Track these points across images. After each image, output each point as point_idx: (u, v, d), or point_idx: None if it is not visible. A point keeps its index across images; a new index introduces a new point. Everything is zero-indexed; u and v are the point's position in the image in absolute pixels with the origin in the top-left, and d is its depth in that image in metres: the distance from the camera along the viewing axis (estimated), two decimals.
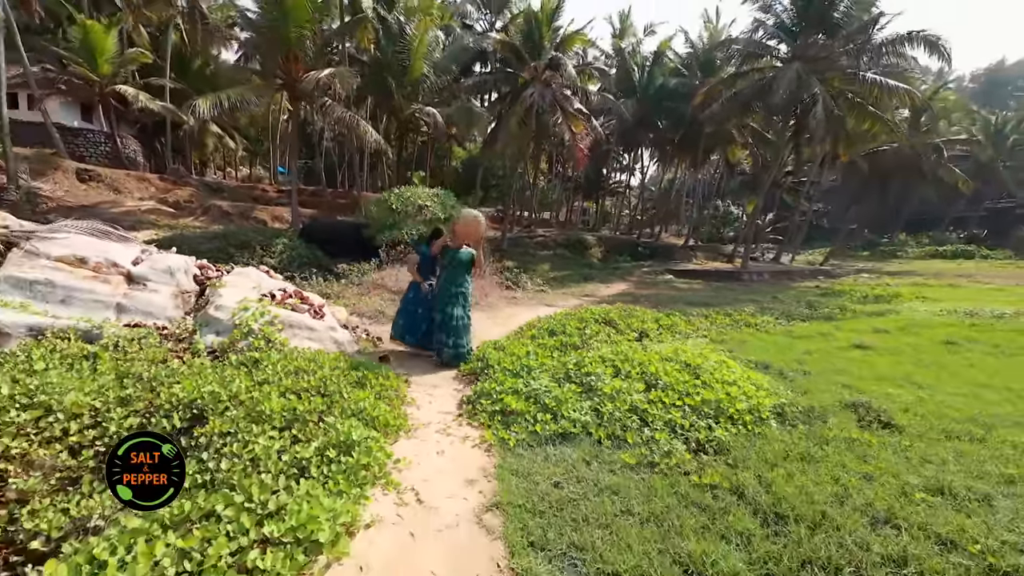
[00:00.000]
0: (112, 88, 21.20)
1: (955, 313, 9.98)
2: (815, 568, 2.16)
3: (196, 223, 19.02)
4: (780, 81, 17.92)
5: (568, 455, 3.28)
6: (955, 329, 8.18)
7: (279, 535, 2.07)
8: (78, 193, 18.44)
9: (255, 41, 19.49)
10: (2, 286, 4.66)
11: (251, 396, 3.38)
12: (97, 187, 19.45)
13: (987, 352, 6.70)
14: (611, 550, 2.23)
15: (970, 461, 3.28)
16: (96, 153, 23.67)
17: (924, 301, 12.40)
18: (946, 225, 39.87)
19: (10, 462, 2.63)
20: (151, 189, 21.60)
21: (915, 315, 9.95)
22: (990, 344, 7.08)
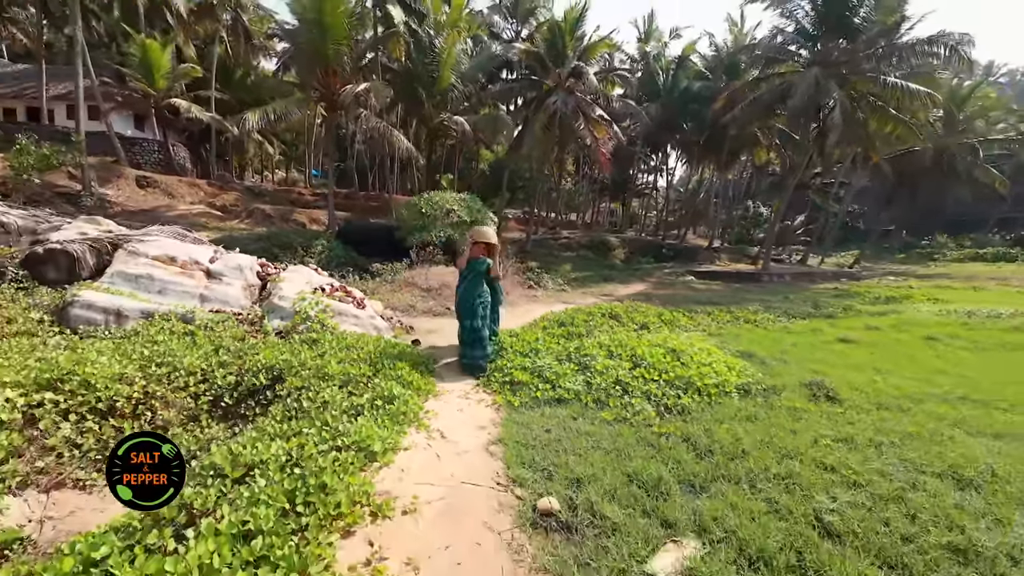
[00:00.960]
0: (167, 101, 22.98)
1: (955, 313, 10.42)
2: (722, 480, 3.01)
3: (241, 225, 20.56)
4: (799, 86, 18.32)
5: (560, 413, 4.19)
6: (944, 327, 8.71)
7: (347, 444, 3.05)
8: (138, 198, 20.21)
9: (295, 55, 21.00)
10: (114, 279, 5.84)
11: (315, 363, 4.40)
12: (154, 192, 21.24)
13: (963, 347, 7.29)
14: (578, 466, 3.13)
15: (884, 423, 4.05)
16: (150, 160, 25.64)
17: (935, 303, 12.72)
18: (990, 227, 38.42)
19: (156, 401, 3.70)
20: (200, 194, 23.36)
21: (915, 315, 10.45)
22: (970, 340, 7.65)
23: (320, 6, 15.60)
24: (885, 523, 2.59)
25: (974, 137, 29.44)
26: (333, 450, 2.97)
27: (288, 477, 2.57)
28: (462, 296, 5.56)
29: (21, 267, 5.76)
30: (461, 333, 5.57)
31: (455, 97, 21.28)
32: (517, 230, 29.91)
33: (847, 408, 4.46)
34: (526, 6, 25.73)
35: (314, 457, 2.80)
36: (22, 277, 5.69)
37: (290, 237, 15.66)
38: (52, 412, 3.19)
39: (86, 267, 6.09)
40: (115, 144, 21.35)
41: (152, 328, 4.96)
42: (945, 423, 4.12)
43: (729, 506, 2.69)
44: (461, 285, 5.66)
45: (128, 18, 24.56)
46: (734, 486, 2.95)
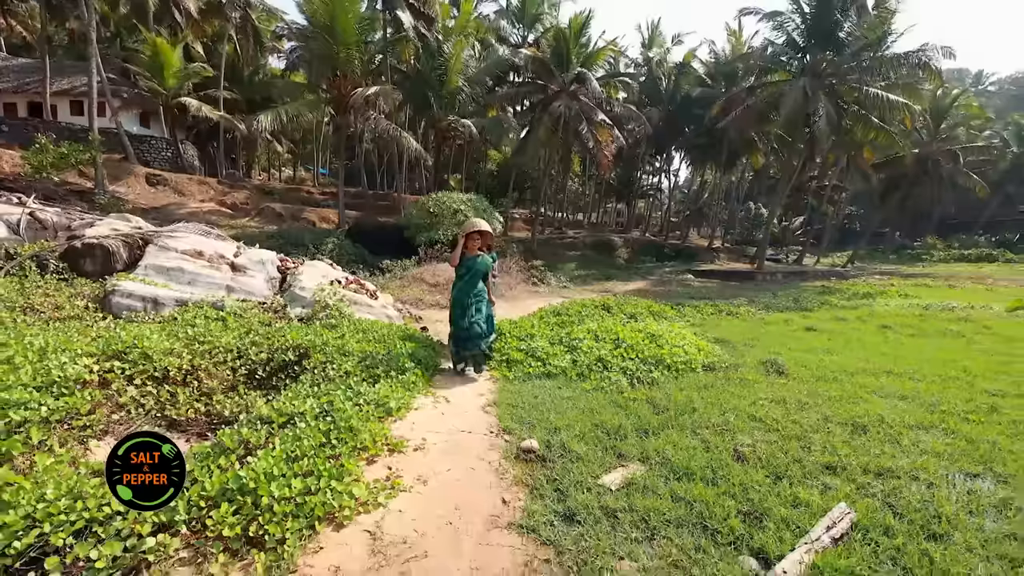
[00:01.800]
0: (177, 100, 23.66)
1: (917, 307, 11.16)
2: (670, 428, 3.66)
3: (252, 223, 21.25)
4: (788, 96, 18.94)
5: (547, 384, 4.83)
6: (901, 318, 9.48)
7: (367, 402, 3.69)
8: (148, 196, 20.93)
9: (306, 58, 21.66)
10: (148, 271, 6.51)
11: (337, 343, 5.05)
12: (164, 190, 21.98)
13: (910, 334, 8.07)
14: (557, 420, 3.77)
15: (816, 390, 4.74)
16: (159, 158, 26.20)
17: (905, 298, 13.43)
18: (978, 229, 39.44)
19: (201, 372, 4.34)
20: (210, 192, 24.09)
21: (882, 308, 11.24)
22: (917, 329, 8.46)
23: (332, 12, 16.28)
24: (784, 452, 3.30)
25: (956, 144, 30.32)
26: (356, 406, 3.61)
27: (322, 422, 3.21)
28: (457, 296, 5.32)
29: (61, 260, 6.41)
30: (455, 335, 5.34)
31: (462, 100, 21.92)
32: (524, 230, 30.57)
33: (791, 379, 5.13)
34: (532, 12, 26.35)
35: (342, 408, 3.44)
36: (62, 269, 6.35)
37: (302, 235, 16.36)
38: (120, 377, 3.84)
39: (120, 260, 6.74)
40: (125, 142, 21.99)
41: (188, 314, 5.60)
42: (865, 389, 4.82)
43: (670, 443, 3.37)
44: (456, 284, 5.36)
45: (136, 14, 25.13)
46: (678, 431, 3.61)
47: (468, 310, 5.23)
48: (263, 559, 2.15)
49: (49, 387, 3.24)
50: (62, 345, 3.82)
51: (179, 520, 2.26)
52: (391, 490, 2.78)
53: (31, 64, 26.80)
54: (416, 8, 21.47)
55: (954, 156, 29.38)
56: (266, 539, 2.24)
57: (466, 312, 5.22)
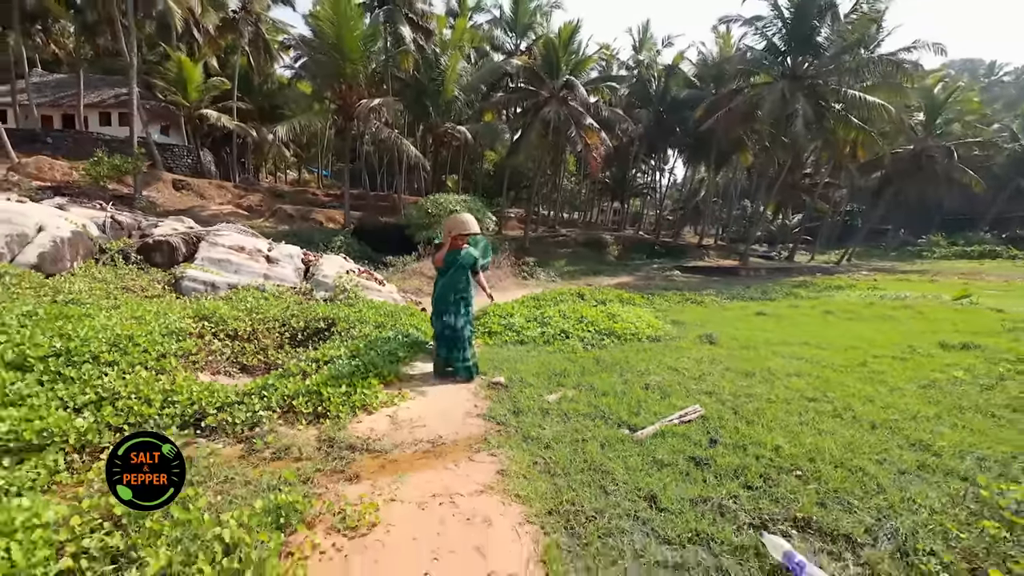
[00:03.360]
0: (198, 111, 25.29)
1: (872, 297, 12.48)
2: (603, 372, 5.11)
3: (266, 224, 22.76)
4: (765, 99, 20.30)
5: (519, 348, 6.31)
6: (848, 306, 10.84)
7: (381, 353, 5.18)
8: (175, 200, 22.50)
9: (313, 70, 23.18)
10: (204, 262, 8.01)
11: (356, 315, 6.53)
12: (188, 194, 23.55)
13: (847, 318, 9.42)
14: (520, 368, 5.23)
15: (732, 353, 6.14)
16: (181, 165, 27.98)
17: (872, 290, 14.69)
18: (984, 225, 39.41)
19: (259, 333, 5.83)
20: (228, 195, 25.66)
21: (841, 298, 12.51)
22: (856, 314, 9.80)
23: (339, 31, 17.77)
24: (680, 385, 4.72)
25: (951, 140, 30.85)
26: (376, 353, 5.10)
27: (351, 362, 4.69)
28: (440, 292, 4.97)
29: (138, 253, 7.93)
30: (439, 334, 5.03)
31: (458, 107, 23.41)
32: (518, 228, 32.00)
33: (719, 347, 6.54)
34: (524, 21, 27.82)
35: (365, 353, 4.92)
36: (139, 260, 7.87)
37: (312, 234, 17.88)
38: (208, 332, 5.34)
39: (181, 254, 8.26)
40: (153, 151, 23.63)
41: (239, 294, 7.11)
42: (775, 353, 6.20)
43: (599, 379, 4.81)
44: (440, 280, 5.05)
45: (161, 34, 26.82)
46: (608, 373, 5.07)
47: (451, 307, 4.92)
48: (327, 423, 3.64)
49: (170, 335, 4.74)
50: (167, 311, 5.33)
51: (274, 405, 3.76)
52: (402, 399, 4.27)
53: (65, 79, 29.22)
54: (415, 22, 22.95)
55: (948, 152, 29.34)
56: (328, 414, 3.74)
57: (449, 308, 4.91)
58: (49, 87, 29.96)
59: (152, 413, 3.43)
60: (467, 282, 5.03)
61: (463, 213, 5.22)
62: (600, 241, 31.52)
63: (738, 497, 2.62)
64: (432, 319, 5.10)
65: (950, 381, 4.99)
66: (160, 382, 3.81)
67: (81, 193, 15.47)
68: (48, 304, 4.99)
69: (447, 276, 4.99)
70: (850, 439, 3.43)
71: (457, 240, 4.92)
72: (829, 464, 2.99)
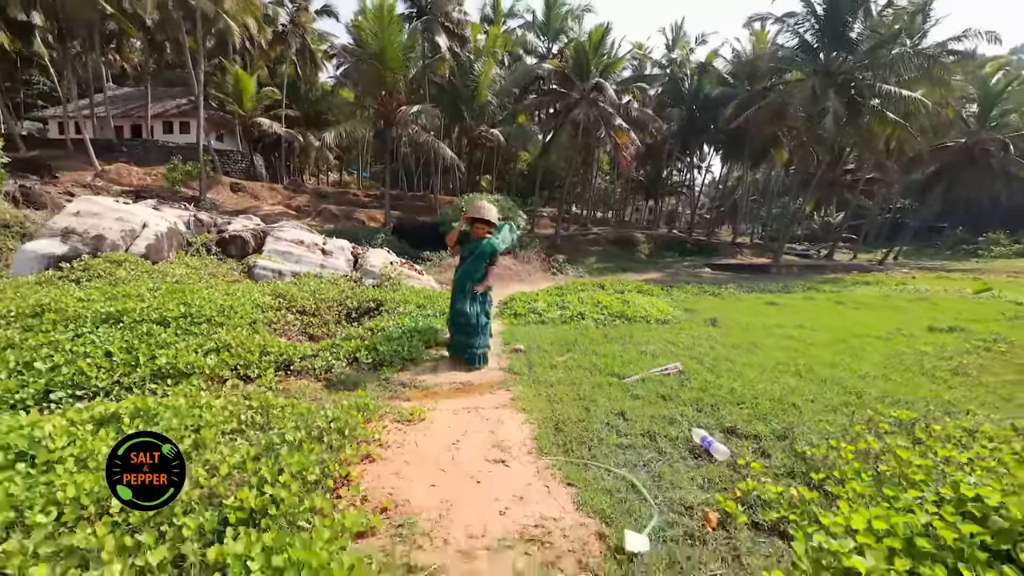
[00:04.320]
0: (253, 119, 27.34)
1: (891, 291, 12.84)
2: (607, 343, 6.03)
3: (312, 223, 24.44)
4: (796, 96, 20.51)
5: (539, 326, 7.28)
6: (862, 298, 11.33)
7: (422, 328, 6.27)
8: (232, 201, 24.48)
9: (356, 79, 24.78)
10: (271, 254, 9.33)
11: (400, 297, 7.66)
12: (243, 196, 25.54)
13: (855, 308, 9.95)
14: (538, 339, 6.20)
15: (729, 332, 6.95)
16: (236, 169, 30.18)
17: (898, 285, 14.86)
18: None
19: (322, 310, 7.02)
20: (278, 196, 27.59)
21: (863, 292, 12.94)
22: (867, 305, 10.30)
23: (382, 43, 19.13)
24: (671, 351, 5.60)
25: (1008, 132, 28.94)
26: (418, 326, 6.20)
27: (400, 329, 5.78)
28: (459, 279, 5.13)
29: (217, 246, 9.32)
30: (454, 321, 5.14)
31: (491, 111, 24.53)
32: (550, 227, 32.92)
33: (719, 329, 7.33)
34: (556, 25, 28.69)
35: (413, 322, 6.02)
36: (218, 252, 9.25)
37: (356, 232, 19.32)
38: (283, 308, 6.55)
39: (251, 246, 9.61)
40: (213, 157, 25.75)
41: (302, 280, 8.37)
42: (768, 334, 6.96)
43: (602, 347, 5.73)
44: (460, 267, 5.18)
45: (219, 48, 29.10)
46: (611, 343, 5.98)
47: (467, 295, 5.06)
48: (384, 370, 4.73)
49: (256, 308, 5.95)
50: (250, 290, 6.58)
51: (342, 357, 4.88)
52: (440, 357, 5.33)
53: (133, 92, 32.20)
54: (451, 30, 24.19)
55: (1004, 144, 27.70)
56: (383, 363, 4.83)
57: (465, 296, 5.05)
58: (120, 100, 32.82)
59: (254, 359, 4.59)
60: (485, 272, 5.13)
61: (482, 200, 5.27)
62: (631, 239, 32.02)
63: (687, 415, 3.52)
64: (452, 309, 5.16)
65: (915, 354, 5.68)
66: (255, 339, 4.99)
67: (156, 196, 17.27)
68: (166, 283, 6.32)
69: (466, 264, 5.13)
70: (795, 387, 4.26)
71: (478, 229, 5.09)
72: (767, 401, 3.84)
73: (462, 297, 5.08)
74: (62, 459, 2.30)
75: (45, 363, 3.79)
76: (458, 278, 5.17)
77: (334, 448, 2.68)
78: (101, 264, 7.23)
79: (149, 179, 20.51)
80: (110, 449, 1.88)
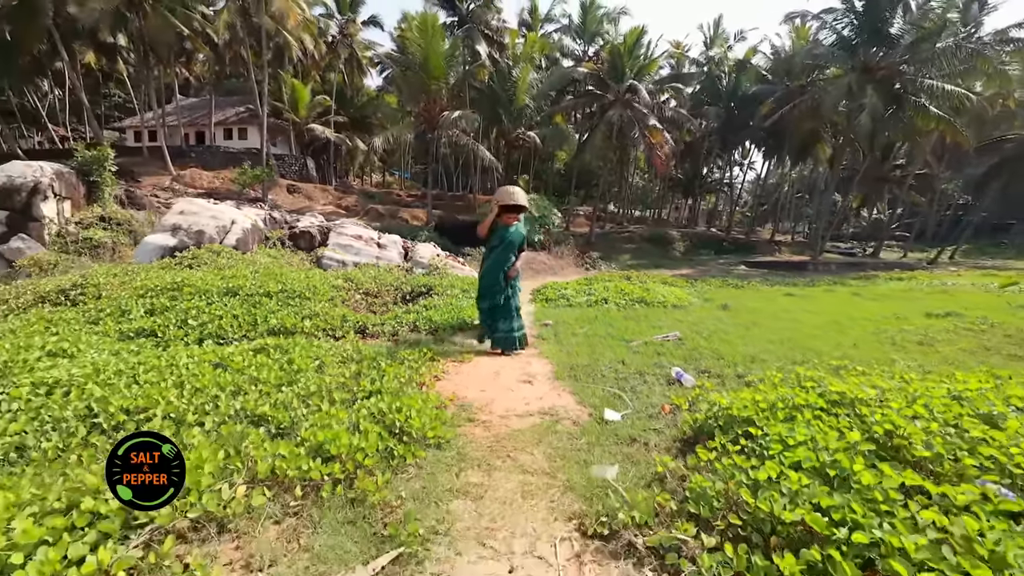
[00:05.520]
0: (307, 126, 29.43)
1: (916, 285, 13.23)
2: (630, 320, 7.05)
3: (360, 222, 26.30)
4: (831, 93, 20.69)
5: (567, 308, 8.36)
6: (883, 290, 11.87)
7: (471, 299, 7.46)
8: (289, 201, 26.53)
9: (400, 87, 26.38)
10: (334, 247, 10.76)
11: (447, 283, 8.89)
12: (298, 196, 27.61)
13: (871, 299, 10.54)
14: (565, 317, 7.29)
15: (739, 316, 7.82)
16: (290, 171, 32.40)
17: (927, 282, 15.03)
18: None
19: (382, 292, 8.32)
20: (329, 197, 29.59)
21: (888, 287, 13.38)
22: (884, 297, 10.87)
23: (426, 52, 20.54)
24: (677, 325, 6.54)
25: None
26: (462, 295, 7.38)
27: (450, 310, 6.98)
28: (489, 268, 5.10)
29: (289, 239, 10.83)
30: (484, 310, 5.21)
31: (529, 113, 25.65)
32: (586, 225, 33.78)
33: (729, 312, 8.20)
34: (591, 29, 29.56)
35: (461, 299, 7.22)
36: (290, 245, 10.75)
37: (401, 229, 20.80)
38: (352, 289, 7.88)
39: (317, 240, 11.08)
40: (271, 162, 27.90)
41: (363, 268, 9.73)
42: (772, 317, 7.81)
43: (619, 323, 6.75)
44: (489, 256, 5.14)
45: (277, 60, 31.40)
46: (627, 321, 6.99)
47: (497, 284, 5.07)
48: (439, 333, 5.92)
49: (332, 288, 7.29)
50: (325, 275, 7.96)
51: (404, 325, 6.11)
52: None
53: (197, 102, 35.02)
54: (490, 37, 25.45)
55: None
56: (438, 330, 6.02)
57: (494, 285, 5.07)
58: (186, 109, 35.72)
59: (337, 324, 5.87)
60: (513, 260, 5.10)
61: (512, 187, 5.22)
62: (665, 237, 32.44)
63: (673, 363, 4.54)
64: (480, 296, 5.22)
65: (896, 332, 6.44)
66: (336, 310, 6.29)
67: (225, 197, 19.23)
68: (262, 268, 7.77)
69: (495, 253, 5.07)
70: (770, 349, 5.19)
71: (508, 217, 5.05)
72: (741, 356, 4.81)
73: (492, 285, 5.06)
74: (242, 368, 3.57)
75: (196, 320, 5.18)
76: (487, 267, 5.12)
77: (414, 367, 3.88)
78: (205, 254, 8.79)
79: (217, 182, 22.66)
80: (269, 362, 3.12)
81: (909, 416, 2.12)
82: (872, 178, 32.98)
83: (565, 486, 2.25)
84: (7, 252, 10.24)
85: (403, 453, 2.42)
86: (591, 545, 1.81)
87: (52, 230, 10.98)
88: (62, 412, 2.79)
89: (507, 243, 5.02)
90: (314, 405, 2.95)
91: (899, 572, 1.28)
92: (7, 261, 10.12)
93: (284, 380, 3.38)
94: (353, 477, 2.16)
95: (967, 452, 1.79)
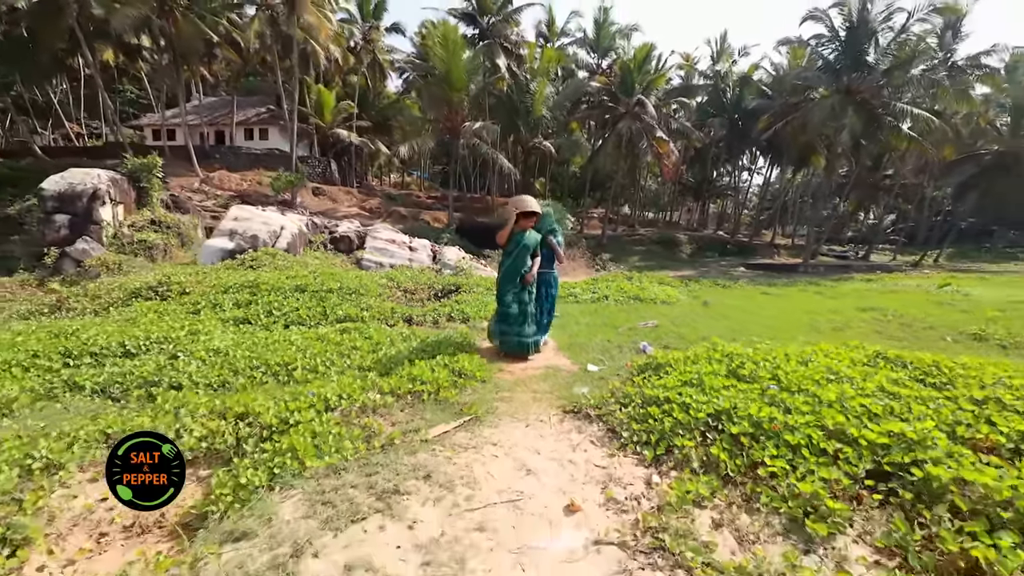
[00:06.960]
0: (332, 130, 31.15)
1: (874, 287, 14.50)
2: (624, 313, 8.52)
3: (383, 224, 27.96)
4: (815, 113, 22.19)
5: (574, 304, 9.87)
6: (845, 291, 13.16)
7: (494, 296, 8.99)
8: (315, 203, 28.25)
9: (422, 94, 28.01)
10: (371, 250, 12.35)
11: (471, 282, 10.41)
12: (323, 199, 29.36)
13: (829, 298, 11.95)
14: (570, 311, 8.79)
15: (716, 310, 9.24)
16: (314, 174, 33.97)
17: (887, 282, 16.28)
18: None
19: (417, 290, 9.86)
20: (353, 199, 31.31)
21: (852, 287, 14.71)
22: (841, 295, 12.30)
23: (448, 65, 22.12)
24: (660, 319, 7.99)
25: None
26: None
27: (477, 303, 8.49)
28: (505, 273, 5.18)
29: (330, 243, 12.43)
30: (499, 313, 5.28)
31: (545, 123, 27.15)
32: (598, 228, 35.18)
33: (709, 308, 9.62)
34: (605, 44, 30.99)
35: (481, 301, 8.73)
36: (331, 248, 12.35)
37: (424, 231, 22.43)
38: (392, 287, 9.43)
39: (355, 244, 12.67)
40: (298, 165, 29.65)
41: (399, 269, 11.29)
42: (743, 312, 9.21)
43: (612, 315, 8.22)
44: (506, 261, 5.21)
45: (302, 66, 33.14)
46: (619, 314, 8.45)
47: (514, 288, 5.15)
48: (471, 321, 7.44)
49: (378, 286, 8.84)
50: (370, 275, 9.53)
51: (442, 314, 7.64)
52: None
53: (217, 101, 35.94)
54: (509, 50, 26.97)
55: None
56: (468, 319, 7.56)
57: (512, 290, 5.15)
58: (206, 108, 35.51)
59: (389, 315, 7.43)
60: (528, 265, 5.16)
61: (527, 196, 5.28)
62: (673, 240, 33.82)
63: (645, 340, 6.01)
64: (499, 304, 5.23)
65: (825, 321, 7.94)
66: (386, 304, 7.84)
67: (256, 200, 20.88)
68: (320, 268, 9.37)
69: (512, 258, 5.12)
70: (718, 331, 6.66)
71: (523, 221, 5.10)
72: (696, 336, 6.29)
73: (509, 290, 5.14)
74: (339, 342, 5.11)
75: (279, 310, 6.75)
76: (504, 272, 5.19)
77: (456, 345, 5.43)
78: (263, 256, 10.43)
79: (244, 184, 24.34)
80: (357, 338, 4.68)
81: (758, 360, 3.62)
82: (866, 185, 34.50)
83: (557, 397, 3.85)
84: (74, 253, 11.63)
85: (463, 384, 3.96)
86: (567, 415, 3.44)
87: (109, 232, 12.40)
88: (236, 364, 4.34)
89: (522, 246, 5.10)
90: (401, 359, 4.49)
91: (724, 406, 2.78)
92: (75, 261, 11.50)
93: (372, 348, 4.92)
94: (436, 392, 3.70)
95: (770, 375, 3.29)
